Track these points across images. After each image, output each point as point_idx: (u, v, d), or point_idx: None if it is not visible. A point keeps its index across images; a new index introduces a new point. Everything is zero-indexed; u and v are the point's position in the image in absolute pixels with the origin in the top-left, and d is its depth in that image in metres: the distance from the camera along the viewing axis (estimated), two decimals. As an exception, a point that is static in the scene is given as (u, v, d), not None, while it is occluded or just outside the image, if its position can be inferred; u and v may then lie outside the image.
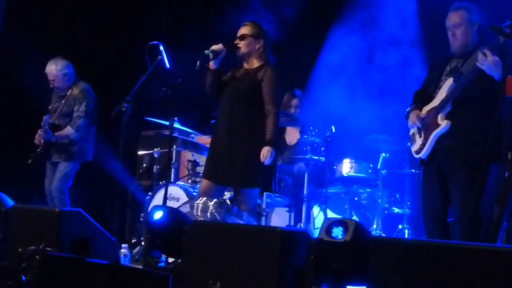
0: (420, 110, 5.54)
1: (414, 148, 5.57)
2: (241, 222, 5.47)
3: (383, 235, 7.25)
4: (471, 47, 5.37)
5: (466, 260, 3.43)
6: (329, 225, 4.06)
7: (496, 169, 5.06)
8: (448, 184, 5.31)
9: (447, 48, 5.54)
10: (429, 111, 5.44)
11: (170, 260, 5.17)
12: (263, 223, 6.68)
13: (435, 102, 5.41)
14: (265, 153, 5.83)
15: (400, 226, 7.41)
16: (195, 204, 5.65)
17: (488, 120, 4.99)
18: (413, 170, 7.07)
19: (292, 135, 7.83)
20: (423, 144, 5.44)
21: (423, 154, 5.45)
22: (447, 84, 5.34)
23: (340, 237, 4.05)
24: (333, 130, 7.23)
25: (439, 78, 5.46)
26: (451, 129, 5.28)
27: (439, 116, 5.33)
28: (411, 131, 5.65)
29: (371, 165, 7.59)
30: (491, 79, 4.96)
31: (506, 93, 3.82)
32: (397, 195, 7.56)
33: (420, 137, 5.50)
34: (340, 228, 4.05)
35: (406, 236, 7.23)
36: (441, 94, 5.38)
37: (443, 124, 5.30)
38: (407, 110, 5.65)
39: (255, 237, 4.39)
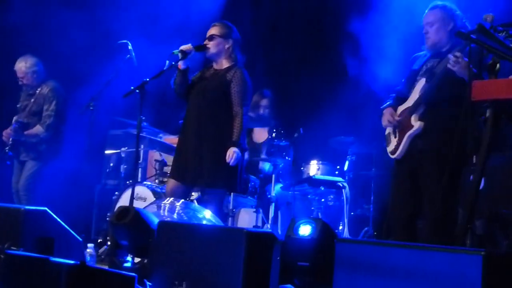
0: (395, 110, 5.55)
1: (389, 148, 5.56)
2: (208, 222, 5.47)
3: (349, 236, 7.28)
4: (446, 47, 5.36)
5: (429, 262, 3.45)
6: (296, 224, 4.08)
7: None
8: (420, 186, 5.31)
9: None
10: (404, 111, 5.45)
11: (136, 260, 5.16)
12: (230, 224, 6.69)
13: (409, 102, 5.41)
14: (231, 154, 5.84)
15: (366, 228, 7.45)
16: (162, 204, 5.64)
17: (459, 122, 5.00)
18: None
19: (260, 136, 7.84)
20: (398, 145, 5.43)
21: (397, 155, 5.43)
22: (420, 84, 5.34)
23: (307, 235, 4.08)
24: (301, 132, 7.25)
25: (415, 78, 5.47)
26: (424, 130, 5.28)
27: (413, 117, 5.33)
28: (387, 131, 5.64)
29: (338, 167, 7.62)
30: (462, 81, 4.97)
31: (472, 98, 3.86)
32: (363, 197, 7.60)
33: (395, 137, 5.49)
34: (307, 227, 4.07)
35: (371, 237, 7.27)
36: (415, 94, 5.37)
37: (416, 125, 5.30)
38: (381, 108, 5.65)
39: (221, 238, 4.38)
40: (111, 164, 8.66)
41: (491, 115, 3.86)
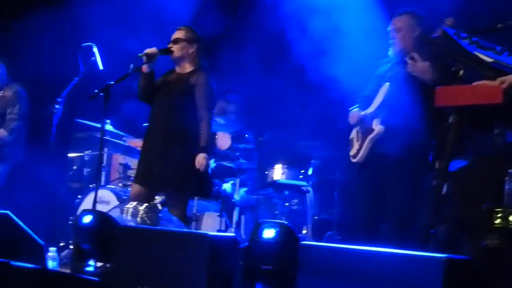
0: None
1: (352, 152, 5.58)
2: (171, 227, 5.45)
3: (313, 240, 7.30)
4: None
5: (392, 266, 3.47)
6: (260, 227, 4.08)
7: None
8: (383, 190, 5.34)
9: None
10: (367, 115, 5.48)
11: (99, 264, 5.12)
12: (193, 228, 6.67)
13: (373, 106, 5.45)
14: (201, 160, 5.81)
15: (329, 232, 7.46)
16: (125, 209, 5.62)
17: (419, 127, 5.05)
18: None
19: (223, 141, 7.83)
20: (359, 148, 5.46)
21: (358, 158, 5.46)
22: (384, 89, 5.38)
23: (271, 238, 4.07)
24: (266, 136, 7.26)
25: (379, 83, 5.50)
26: (386, 135, 5.31)
27: (375, 121, 5.36)
28: (351, 135, 5.67)
29: (302, 171, 7.63)
30: (424, 85, 5.01)
31: (436, 103, 3.89)
32: (327, 201, 7.62)
33: (358, 141, 5.52)
34: (271, 230, 4.07)
35: (335, 241, 7.29)
36: (378, 99, 5.41)
37: (378, 129, 5.33)
38: (349, 109, 5.67)
39: (185, 243, 4.37)
40: (75, 167, 8.60)
41: (454, 121, 3.89)
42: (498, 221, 5.25)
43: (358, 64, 5.97)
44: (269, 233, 4.16)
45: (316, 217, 7.57)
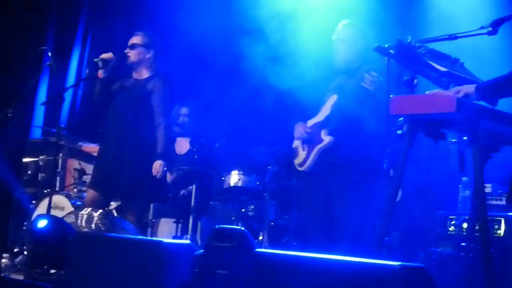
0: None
1: (297, 161, 5.66)
2: (126, 233, 5.42)
3: (269, 246, 7.30)
4: (355, 65, 5.47)
5: (345, 274, 3.49)
6: (216, 233, 4.08)
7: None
8: (331, 198, 5.40)
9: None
10: (314, 125, 5.53)
11: (52, 271, 5.08)
12: (149, 234, 6.63)
13: (320, 117, 5.51)
14: (157, 167, 5.79)
15: (286, 238, 7.47)
16: (80, 215, 5.58)
17: (370, 137, 5.13)
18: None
19: (182, 145, 7.81)
20: (307, 158, 5.52)
21: (306, 168, 5.53)
22: (332, 100, 5.44)
23: (226, 244, 4.08)
24: (222, 142, 7.25)
25: (324, 93, 5.56)
26: (334, 145, 5.38)
27: (323, 132, 5.43)
28: (294, 144, 5.73)
29: (259, 177, 7.64)
30: (375, 98, 5.09)
31: (390, 112, 3.92)
32: (284, 207, 7.63)
33: (303, 150, 5.58)
34: (226, 236, 4.08)
35: (291, 247, 7.30)
36: (325, 109, 5.47)
37: (326, 139, 5.41)
38: (295, 124, 5.73)
39: (139, 250, 4.35)
40: (29, 172, 8.48)
41: (407, 130, 3.93)
42: (451, 228, 5.33)
43: (312, 71, 6.02)
44: (223, 239, 4.16)
45: (272, 223, 7.56)
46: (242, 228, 6.09)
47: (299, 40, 6.19)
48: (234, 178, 7.64)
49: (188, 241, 6.36)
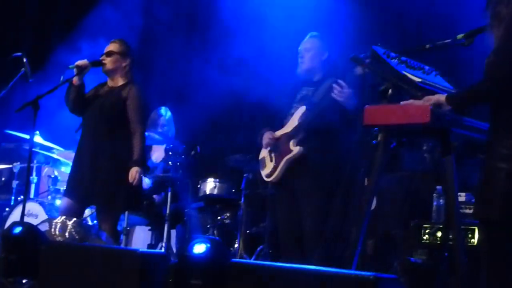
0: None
1: (265, 172, 5.71)
2: (100, 242, 5.39)
3: (244, 254, 7.29)
4: (319, 76, 5.55)
5: (320, 284, 3.48)
6: (191, 242, 4.07)
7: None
8: (301, 208, 5.43)
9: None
10: (282, 136, 5.58)
11: (25, 280, 5.03)
12: (124, 242, 6.60)
13: (287, 128, 5.56)
14: (134, 174, 5.75)
15: (261, 246, 7.46)
16: (54, 223, 5.53)
17: (340, 147, 5.20)
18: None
19: (158, 153, 7.79)
20: (275, 168, 5.56)
21: (274, 178, 5.57)
22: (300, 112, 5.50)
23: (201, 254, 4.07)
24: (198, 149, 7.23)
25: (290, 105, 5.60)
26: (303, 155, 5.43)
27: (291, 142, 5.48)
28: (261, 155, 5.77)
29: (234, 185, 7.63)
30: (344, 109, 5.17)
31: (364, 122, 3.92)
32: (259, 216, 7.62)
33: (271, 161, 5.62)
34: (202, 246, 4.07)
35: (266, 256, 7.29)
36: (293, 121, 5.53)
37: (295, 150, 5.46)
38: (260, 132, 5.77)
39: (114, 259, 4.33)
40: (3, 179, 8.45)
41: (382, 140, 3.94)
42: (426, 237, 5.34)
43: (279, 82, 6.07)
44: (199, 249, 4.16)
45: (248, 231, 7.56)
46: (217, 238, 6.11)
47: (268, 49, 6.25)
48: (210, 185, 7.64)
49: (162, 251, 6.36)
